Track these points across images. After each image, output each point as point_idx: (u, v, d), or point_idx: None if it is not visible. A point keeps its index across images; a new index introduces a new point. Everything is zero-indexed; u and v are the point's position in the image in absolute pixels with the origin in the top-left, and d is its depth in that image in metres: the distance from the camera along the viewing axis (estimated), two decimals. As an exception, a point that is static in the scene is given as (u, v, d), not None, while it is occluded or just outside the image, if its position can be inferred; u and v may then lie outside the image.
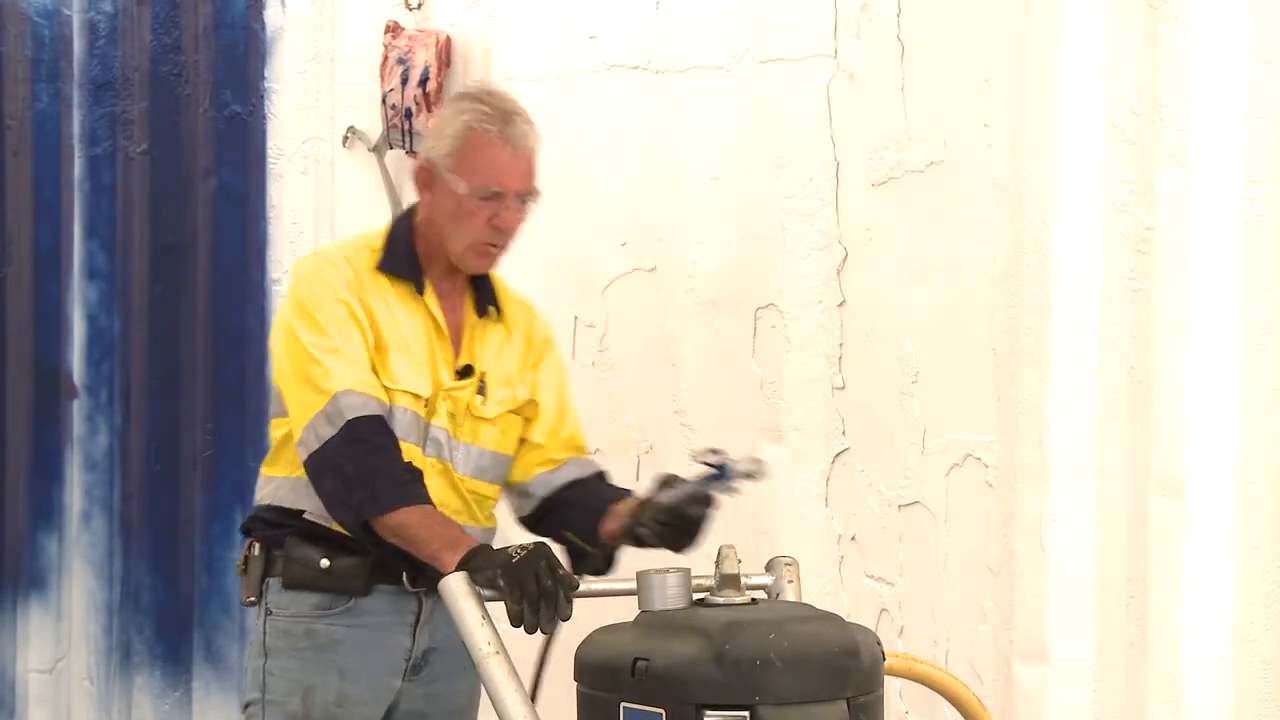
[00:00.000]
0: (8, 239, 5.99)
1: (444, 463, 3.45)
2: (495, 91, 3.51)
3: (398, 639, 3.46)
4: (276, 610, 3.47)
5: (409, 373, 3.41)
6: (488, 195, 3.38)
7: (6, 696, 6.00)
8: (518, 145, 3.39)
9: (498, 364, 3.51)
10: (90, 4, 5.65)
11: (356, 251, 3.49)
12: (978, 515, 3.61)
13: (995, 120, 3.57)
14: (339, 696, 3.43)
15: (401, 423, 3.40)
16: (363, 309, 3.40)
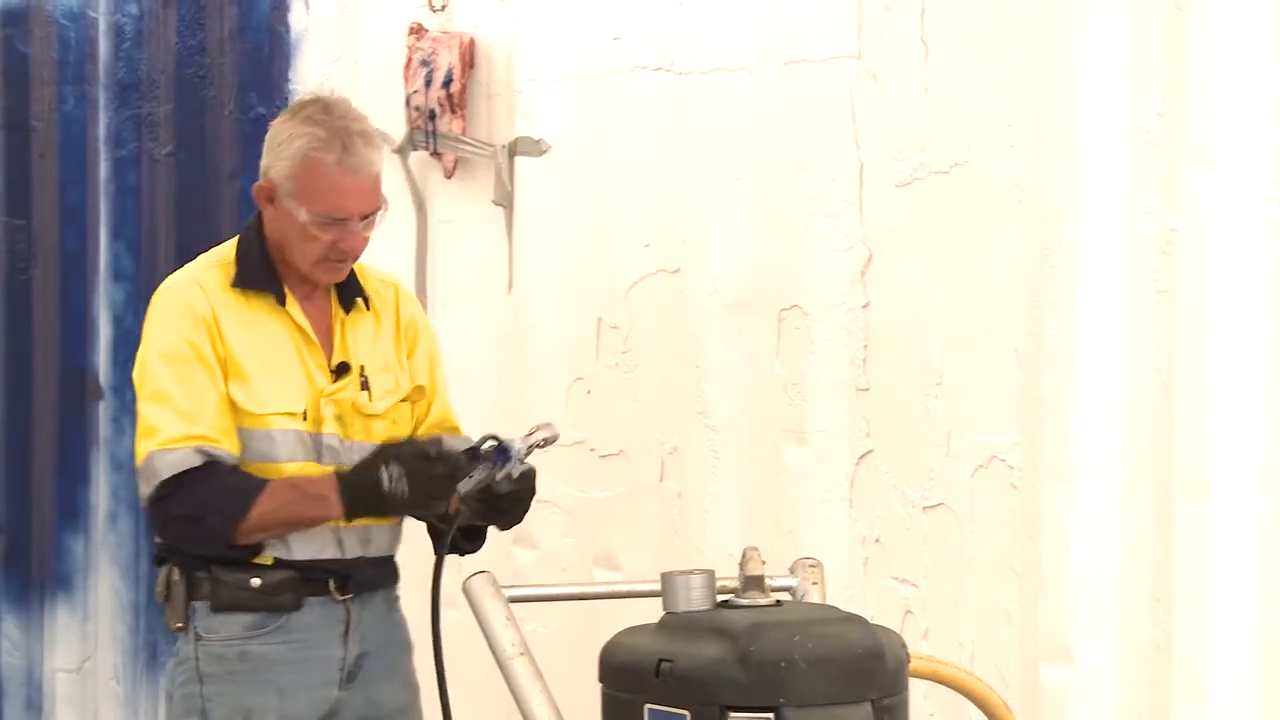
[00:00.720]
0: (34, 241, 6.01)
1: (340, 468, 3.45)
2: (333, 107, 3.42)
3: (330, 650, 3.47)
4: (207, 635, 3.45)
5: (278, 392, 3.41)
6: (328, 222, 3.37)
7: (34, 696, 6.02)
8: (358, 171, 3.35)
9: (375, 354, 3.51)
10: (116, 7, 5.66)
11: (208, 273, 3.47)
12: (1002, 517, 3.60)
13: (1018, 121, 3.57)
14: (280, 716, 3.43)
15: (284, 443, 3.41)
16: (211, 344, 3.39)
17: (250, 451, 3.43)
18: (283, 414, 3.41)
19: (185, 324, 3.41)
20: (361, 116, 3.43)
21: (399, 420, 3.53)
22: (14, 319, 6.06)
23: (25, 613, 6.02)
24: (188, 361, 3.40)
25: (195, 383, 3.39)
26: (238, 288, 3.45)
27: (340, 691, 3.49)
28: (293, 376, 3.44)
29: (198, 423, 3.38)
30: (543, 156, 4.48)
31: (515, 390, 4.56)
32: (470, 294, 4.68)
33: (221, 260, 3.50)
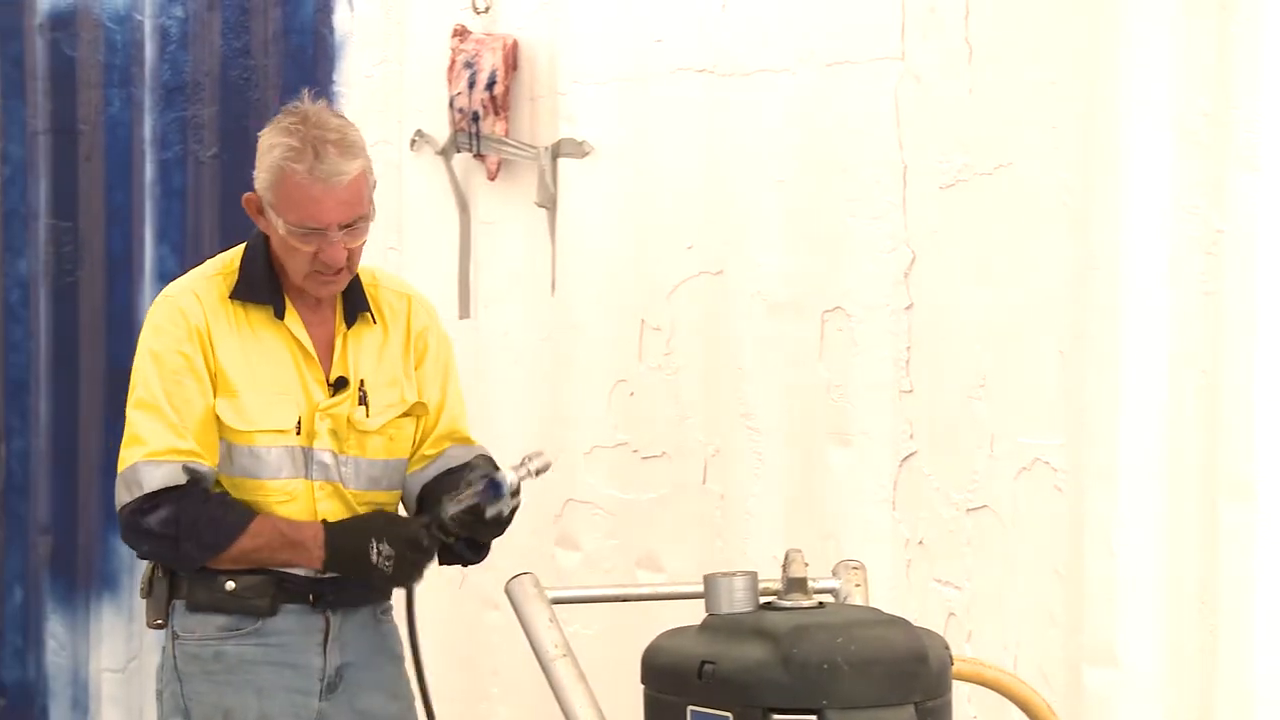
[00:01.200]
0: (80, 243, 6.04)
1: (333, 483, 3.45)
2: (310, 116, 3.39)
3: (309, 658, 3.46)
4: (183, 634, 3.46)
5: (266, 408, 3.41)
6: (305, 233, 3.35)
7: (80, 696, 6.05)
8: (330, 180, 3.31)
9: (380, 368, 3.49)
10: (162, 9, 5.69)
11: (209, 282, 3.47)
12: (1046, 519, 3.59)
13: (1063, 123, 3.55)
14: (260, 715, 3.43)
15: (269, 460, 3.41)
16: (203, 356, 3.40)
17: (235, 466, 3.43)
18: (269, 431, 3.41)
19: (179, 334, 3.41)
20: (341, 126, 3.38)
21: (397, 436, 3.51)
22: (60, 320, 6.10)
23: (71, 613, 6.06)
24: (179, 372, 3.41)
25: (185, 394, 3.40)
26: (236, 299, 3.44)
27: (322, 702, 3.47)
28: (286, 391, 3.43)
29: (185, 437, 3.39)
30: (585, 158, 4.49)
31: (558, 392, 4.57)
32: (513, 296, 4.68)
33: (225, 269, 3.49)
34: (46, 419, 6.12)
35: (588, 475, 4.49)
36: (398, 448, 3.52)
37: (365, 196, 3.39)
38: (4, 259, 6.31)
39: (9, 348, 6.30)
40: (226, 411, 3.40)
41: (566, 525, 4.54)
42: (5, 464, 6.31)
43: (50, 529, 6.11)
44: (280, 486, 3.41)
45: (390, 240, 4.99)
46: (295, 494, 3.42)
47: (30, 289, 6.21)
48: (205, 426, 3.41)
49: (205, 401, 3.40)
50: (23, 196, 6.23)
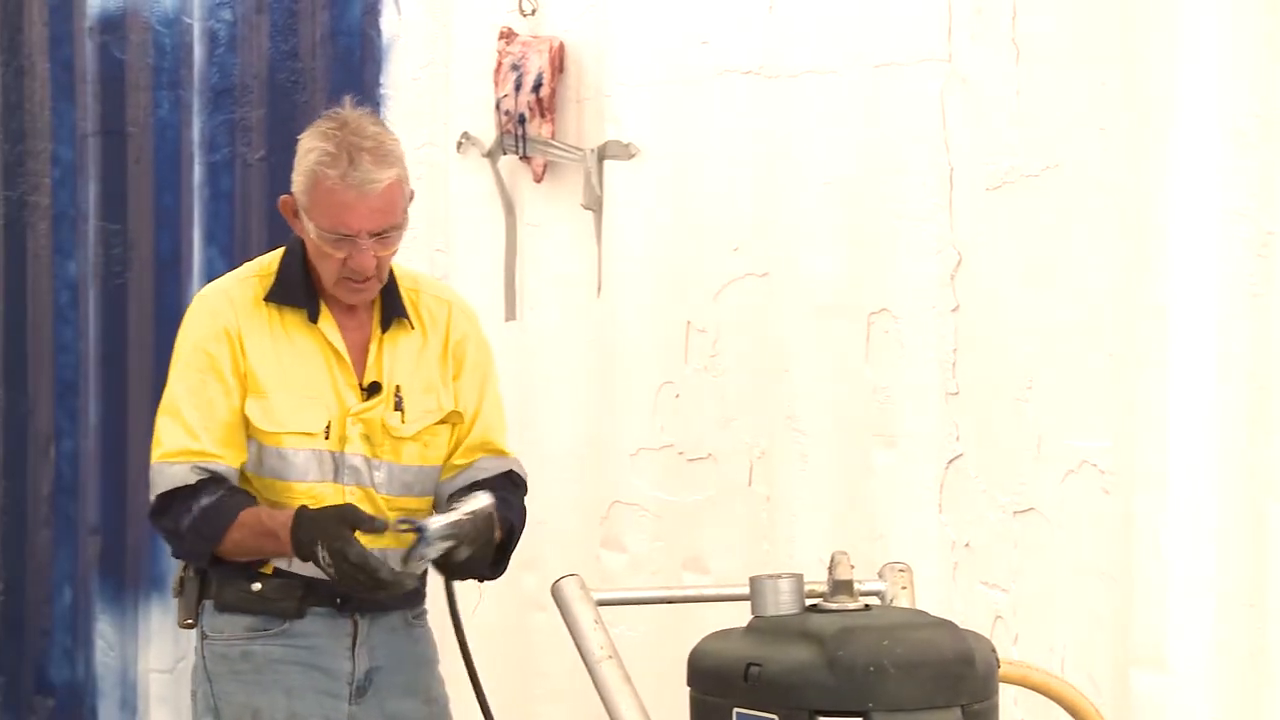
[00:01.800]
0: (129, 245, 6.07)
1: (364, 488, 3.45)
2: (349, 122, 3.38)
3: (338, 662, 3.46)
4: (212, 634, 3.48)
5: (296, 411, 3.41)
6: (336, 239, 3.35)
7: (128, 696, 6.08)
8: (363, 187, 3.31)
9: (417, 373, 3.48)
10: (210, 12, 5.71)
11: (244, 284, 3.48)
12: (1094, 522, 3.58)
13: (1112, 124, 3.54)
14: (289, 714, 3.43)
15: (297, 463, 3.42)
16: (231, 358, 3.41)
17: (264, 468, 3.45)
18: (297, 434, 3.41)
19: (208, 335, 3.43)
20: (378, 134, 3.37)
21: (431, 442, 3.50)
22: (109, 322, 6.13)
23: (120, 614, 6.09)
24: (203, 372, 3.42)
25: (207, 394, 3.42)
26: (271, 301, 3.45)
27: (352, 706, 3.47)
28: (316, 395, 3.43)
29: (199, 438, 3.41)
30: (631, 160, 4.49)
31: (604, 394, 4.57)
32: (559, 298, 4.69)
33: (263, 271, 3.50)
34: (95, 420, 6.15)
35: (633, 477, 4.49)
36: (432, 454, 3.52)
37: (398, 206, 3.38)
38: (54, 261, 6.34)
39: (58, 349, 6.33)
40: (255, 412, 3.42)
41: (612, 527, 4.54)
42: (55, 465, 6.35)
43: (99, 530, 6.14)
44: (307, 489, 3.42)
45: (437, 242, 5.00)
46: (322, 497, 3.43)
47: (80, 291, 6.25)
48: (228, 427, 3.42)
49: (229, 402, 3.42)
50: (72, 199, 6.27)
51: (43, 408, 6.39)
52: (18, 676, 6.51)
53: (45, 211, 6.37)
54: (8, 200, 6.53)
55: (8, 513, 6.55)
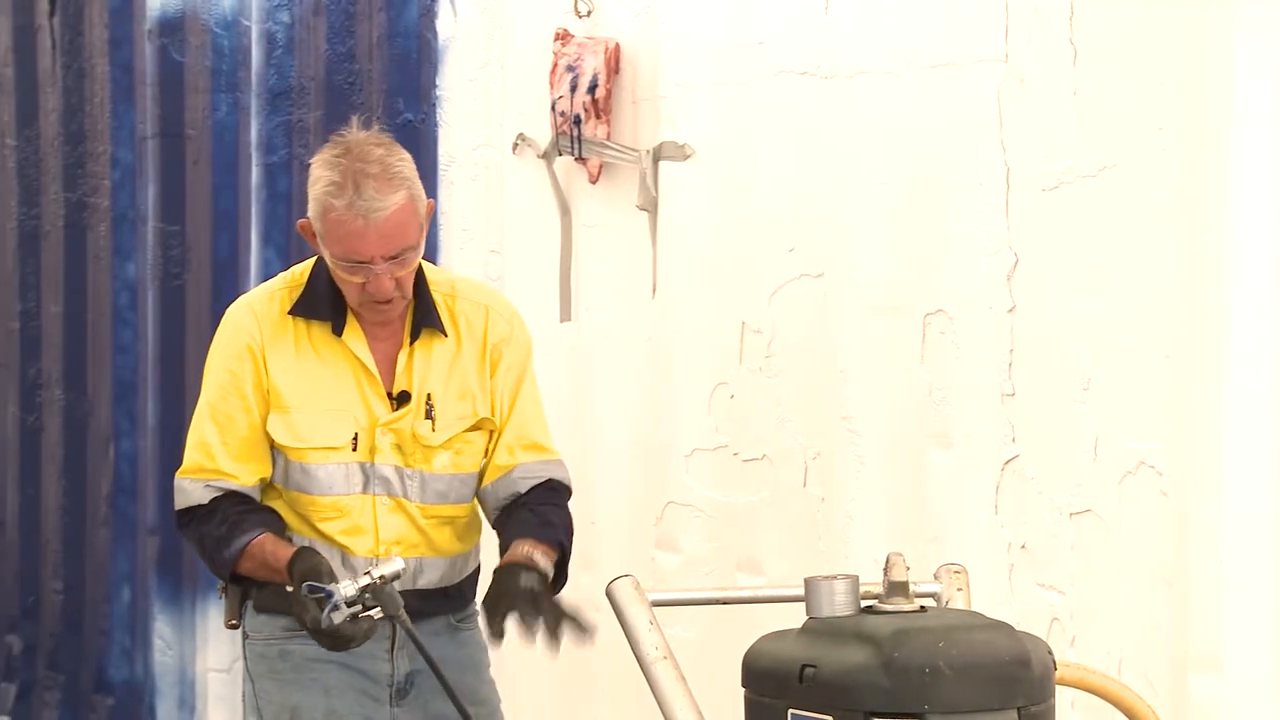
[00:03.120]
0: (187, 246, 6.11)
1: (395, 498, 3.45)
2: (353, 148, 3.35)
3: (376, 664, 3.46)
4: (252, 634, 3.50)
5: (319, 426, 3.42)
6: (351, 265, 3.35)
7: (186, 695, 6.11)
8: (370, 215, 3.29)
9: (450, 381, 3.47)
10: (268, 15, 5.74)
11: (271, 297, 3.50)
12: (1151, 524, 3.56)
13: (1170, 124, 3.52)
14: (328, 713, 3.43)
15: (320, 477, 3.43)
16: (254, 374, 3.43)
17: (289, 481, 3.47)
18: (321, 448, 3.42)
19: (231, 351, 3.47)
20: (383, 158, 3.34)
21: (464, 450, 3.49)
22: (167, 323, 6.17)
23: (178, 614, 6.12)
24: (225, 389, 3.46)
25: (227, 411, 3.45)
26: (296, 314, 3.46)
27: (394, 708, 3.48)
28: (342, 407, 3.44)
29: (214, 457, 3.45)
30: (687, 161, 4.49)
31: (659, 394, 4.57)
32: (614, 299, 4.69)
33: (292, 282, 3.52)
34: (154, 421, 6.19)
35: (688, 478, 4.49)
36: (466, 462, 3.50)
37: (410, 227, 3.35)
38: (113, 262, 6.39)
39: (117, 350, 6.38)
40: (277, 428, 3.44)
41: (667, 528, 4.54)
42: (114, 465, 6.39)
43: (157, 530, 6.18)
44: (331, 503, 3.44)
45: (492, 243, 5.02)
46: (346, 510, 3.44)
47: (138, 292, 6.29)
48: (247, 443, 3.45)
49: (249, 419, 3.44)
50: (131, 200, 6.31)
51: (102, 408, 6.44)
52: (77, 675, 6.56)
53: (105, 213, 6.42)
54: (68, 202, 6.58)
55: (68, 512, 6.60)
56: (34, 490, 6.75)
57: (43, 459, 6.71)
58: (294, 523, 3.47)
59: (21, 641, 6.81)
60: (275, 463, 3.47)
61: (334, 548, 3.44)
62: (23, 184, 6.78)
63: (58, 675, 6.65)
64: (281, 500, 3.49)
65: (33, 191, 6.74)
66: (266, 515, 3.45)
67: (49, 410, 6.68)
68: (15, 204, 6.80)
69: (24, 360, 6.79)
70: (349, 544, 3.44)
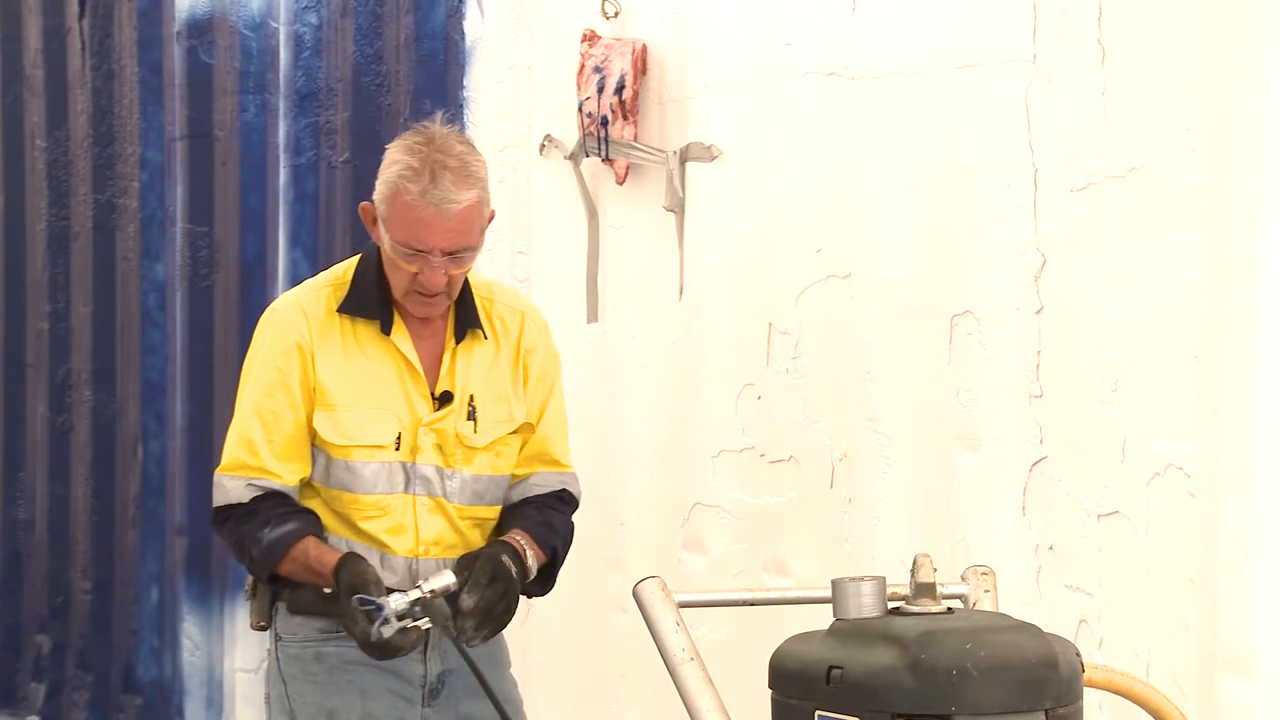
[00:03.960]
0: (215, 247, 6.13)
1: (435, 498, 3.46)
2: (435, 139, 3.38)
3: (409, 665, 3.46)
4: (286, 636, 3.50)
5: (364, 424, 3.43)
6: (410, 253, 3.36)
7: (214, 695, 6.13)
8: (442, 206, 3.31)
9: (489, 383, 3.49)
10: (296, 16, 5.75)
11: (317, 295, 3.49)
12: (1179, 526, 3.55)
13: (1198, 124, 3.51)
14: (364, 715, 3.44)
15: (364, 475, 3.43)
16: (301, 372, 3.43)
17: (331, 479, 3.47)
18: (366, 446, 3.43)
19: (278, 349, 3.46)
20: (463, 154, 3.37)
21: (503, 452, 3.52)
22: (195, 324, 6.19)
23: (206, 614, 6.14)
24: (272, 386, 3.45)
25: (274, 408, 3.45)
26: (344, 313, 3.47)
27: (425, 709, 3.48)
28: (386, 406, 3.44)
29: (258, 454, 3.44)
30: (714, 162, 4.49)
31: (685, 396, 4.57)
32: (641, 300, 4.69)
33: (337, 280, 3.52)
34: (182, 422, 6.21)
35: (715, 479, 4.49)
36: (503, 464, 3.53)
37: (475, 227, 3.38)
38: (141, 263, 6.41)
39: (146, 351, 6.40)
40: (324, 425, 3.44)
41: (693, 529, 4.54)
42: (142, 466, 6.41)
43: (185, 531, 6.20)
44: (375, 501, 3.44)
45: (519, 245, 5.02)
46: (388, 509, 3.45)
47: (167, 293, 6.31)
48: (292, 441, 3.45)
49: (295, 416, 3.44)
50: (160, 201, 6.33)
51: (130, 409, 6.46)
52: (106, 675, 6.59)
53: (133, 214, 6.44)
54: (97, 203, 6.60)
55: (96, 513, 6.63)
56: (63, 491, 6.77)
57: (72, 459, 6.74)
58: (331, 522, 3.48)
59: (51, 641, 6.83)
60: (315, 461, 3.47)
61: (374, 547, 3.45)
62: (52, 185, 6.80)
63: (86, 675, 6.68)
64: (319, 499, 3.49)
65: (62, 193, 6.77)
66: (308, 517, 3.46)
67: (78, 411, 6.70)
68: (45, 205, 6.83)
69: (53, 361, 6.82)
70: (390, 543, 3.46)
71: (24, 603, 6.96)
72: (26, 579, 6.95)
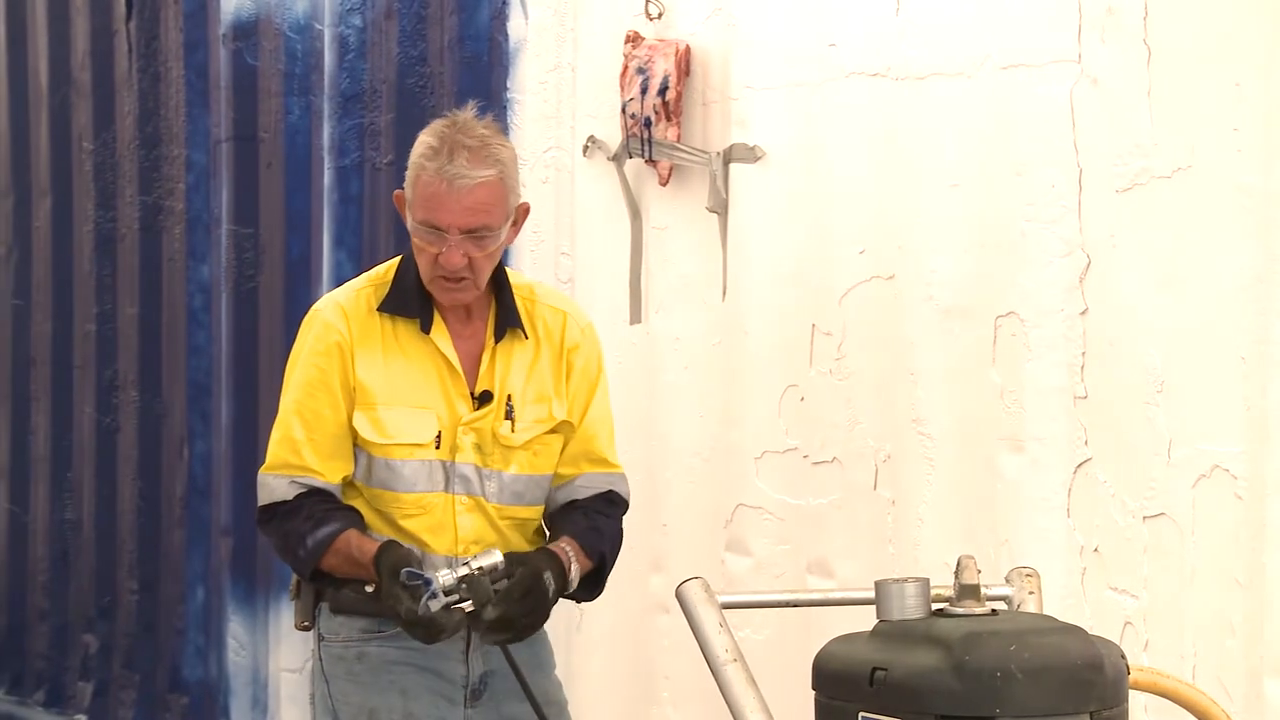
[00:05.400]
0: (260, 248, 6.15)
1: (474, 498, 3.47)
2: (459, 122, 3.42)
3: (451, 666, 3.47)
4: (329, 635, 3.51)
5: (405, 423, 3.44)
6: (428, 230, 3.37)
7: (259, 695, 6.16)
8: (455, 181, 3.33)
9: (529, 383, 3.50)
10: (341, 19, 5.77)
11: (358, 295, 3.51)
12: (1226, 528, 3.53)
13: (1245, 125, 3.49)
14: (405, 715, 3.44)
15: (405, 474, 3.44)
16: (341, 371, 3.44)
17: (372, 478, 3.49)
18: (406, 445, 3.44)
19: (319, 349, 3.47)
20: (485, 136, 3.39)
21: (542, 452, 3.52)
22: (240, 325, 6.21)
23: (251, 614, 6.17)
24: (314, 386, 3.47)
25: (316, 407, 3.46)
26: (384, 312, 3.48)
27: (468, 710, 3.49)
28: (426, 405, 3.45)
29: (301, 454, 3.46)
30: (757, 163, 4.48)
31: (729, 397, 4.57)
32: (685, 301, 4.69)
33: (378, 280, 3.53)
34: (227, 422, 6.23)
35: (758, 480, 4.48)
36: (543, 463, 3.53)
37: (493, 208, 3.38)
38: (187, 265, 6.44)
39: (191, 352, 6.43)
40: (364, 425, 3.45)
41: (737, 530, 4.54)
42: (188, 466, 6.44)
43: (231, 531, 6.22)
44: (415, 500, 3.45)
45: (563, 246, 5.03)
46: (429, 507, 3.46)
47: (212, 294, 6.34)
48: (334, 440, 3.47)
49: (337, 416, 3.46)
50: (205, 203, 6.36)
51: (176, 410, 6.49)
52: (152, 675, 6.62)
53: (179, 216, 6.47)
54: (143, 205, 6.64)
55: (143, 514, 6.66)
56: (109, 491, 6.81)
57: (118, 460, 6.78)
58: (374, 521, 3.49)
59: (98, 641, 6.88)
60: (357, 461, 3.49)
61: (414, 545, 3.46)
62: (99, 187, 6.84)
63: (133, 674, 6.71)
64: (361, 499, 3.51)
65: (109, 195, 6.81)
66: (350, 513, 3.48)
67: (124, 412, 6.74)
68: (92, 207, 6.87)
69: (100, 362, 6.86)
70: (430, 541, 3.47)
71: (71, 602, 7.01)
72: (74, 579, 7.00)
